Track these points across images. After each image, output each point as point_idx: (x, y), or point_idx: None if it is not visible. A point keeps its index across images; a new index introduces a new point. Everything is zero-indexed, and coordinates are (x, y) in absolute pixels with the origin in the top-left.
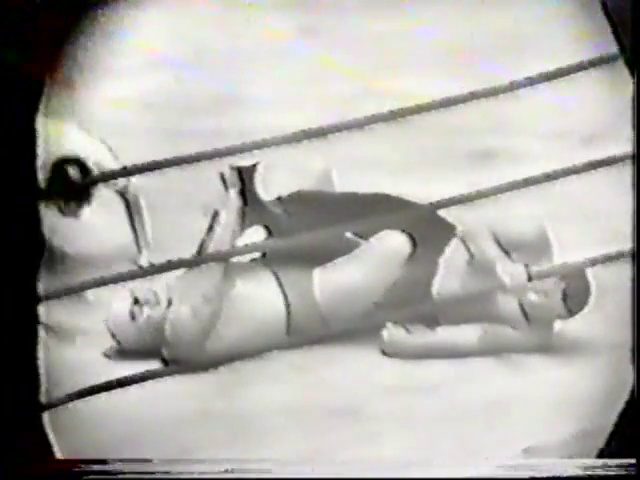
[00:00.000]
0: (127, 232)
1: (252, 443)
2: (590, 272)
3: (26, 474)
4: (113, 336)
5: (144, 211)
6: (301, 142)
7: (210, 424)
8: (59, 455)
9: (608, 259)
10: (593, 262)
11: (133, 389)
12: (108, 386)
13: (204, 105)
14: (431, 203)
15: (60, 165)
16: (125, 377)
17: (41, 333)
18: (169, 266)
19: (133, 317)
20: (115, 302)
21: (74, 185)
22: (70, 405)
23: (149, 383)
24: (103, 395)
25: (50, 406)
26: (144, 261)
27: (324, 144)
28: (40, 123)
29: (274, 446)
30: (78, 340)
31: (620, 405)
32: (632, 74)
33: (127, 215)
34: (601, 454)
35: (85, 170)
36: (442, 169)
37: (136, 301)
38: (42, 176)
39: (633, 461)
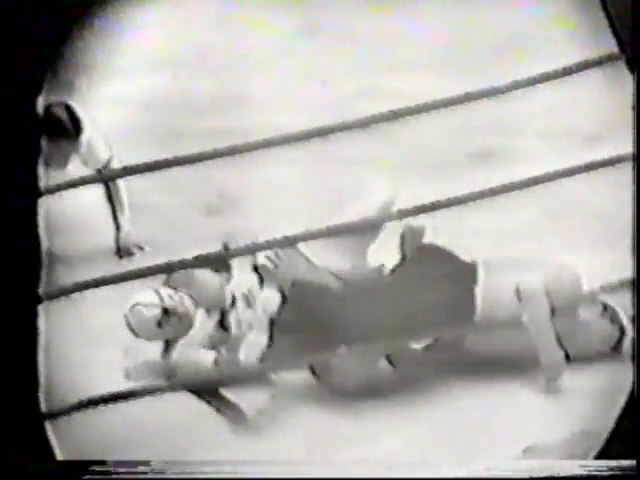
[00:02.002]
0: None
1: (252, 443)
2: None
3: (27, 474)
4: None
5: (122, 190)
6: (301, 142)
7: (210, 425)
8: (59, 456)
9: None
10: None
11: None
12: (110, 398)
13: (204, 105)
14: (431, 203)
15: (48, 108)
16: (128, 391)
17: (41, 333)
18: (169, 266)
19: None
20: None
21: (62, 126)
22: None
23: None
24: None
25: (52, 416)
26: (134, 248)
27: (324, 144)
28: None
29: (274, 446)
30: (79, 341)
31: (620, 405)
32: (632, 74)
33: (105, 195)
34: (601, 454)
35: (73, 115)
36: (442, 169)
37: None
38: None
39: (633, 462)
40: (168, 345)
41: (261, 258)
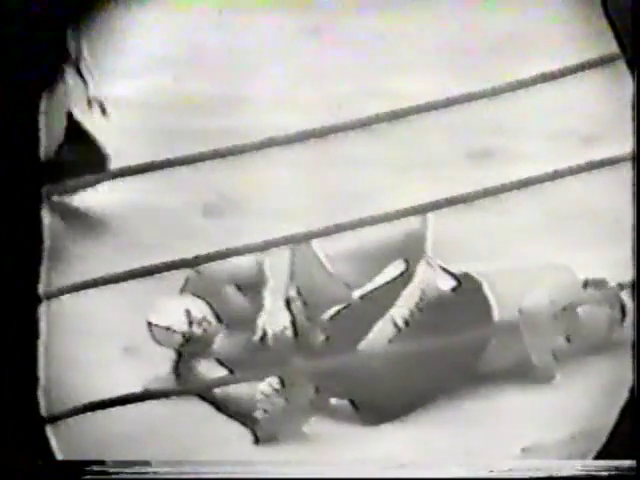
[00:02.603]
0: (124, 233)
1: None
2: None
3: (26, 475)
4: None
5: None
6: (301, 142)
7: (211, 424)
8: (59, 456)
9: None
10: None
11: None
12: (112, 402)
13: (204, 105)
14: (431, 203)
15: None
16: (131, 394)
17: (41, 333)
18: (169, 266)
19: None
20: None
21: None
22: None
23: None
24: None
25: (53, 419)
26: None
27: (324, 144)
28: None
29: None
30: (80, 341)
31: (620, 405)
32: (632, 74)
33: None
34: (601, 454)
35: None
36: (442, 169)
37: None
38: None
39: (633, 462)
40: (181, 356)
41: (291, 291)
